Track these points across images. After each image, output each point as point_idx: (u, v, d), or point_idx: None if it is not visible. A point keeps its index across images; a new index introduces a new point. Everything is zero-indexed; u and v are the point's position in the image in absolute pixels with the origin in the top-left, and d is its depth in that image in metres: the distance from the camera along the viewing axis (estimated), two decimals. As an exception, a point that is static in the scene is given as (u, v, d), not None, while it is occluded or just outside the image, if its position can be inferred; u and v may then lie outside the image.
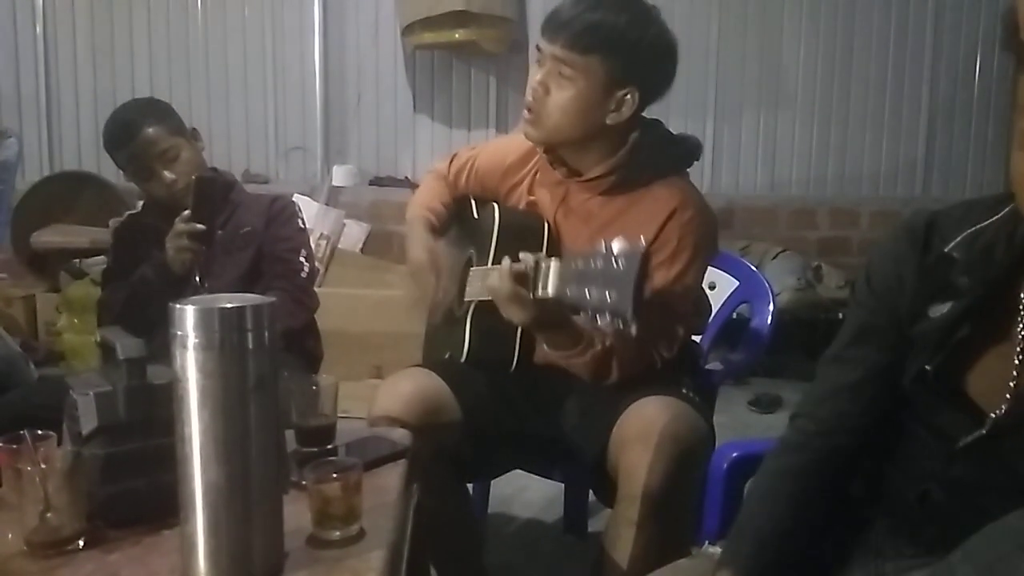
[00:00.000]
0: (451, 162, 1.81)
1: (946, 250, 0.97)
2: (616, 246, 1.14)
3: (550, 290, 1.27)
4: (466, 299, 1.62)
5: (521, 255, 1.37)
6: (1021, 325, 0.93)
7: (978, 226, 0.97)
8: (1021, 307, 0.94)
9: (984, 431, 0.92)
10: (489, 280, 1.39)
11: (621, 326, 1.12)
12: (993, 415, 0.92)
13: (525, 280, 1.32)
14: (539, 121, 1.52)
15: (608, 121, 1.51)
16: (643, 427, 1.36)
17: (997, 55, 4.46)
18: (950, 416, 0.96)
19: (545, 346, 1.48)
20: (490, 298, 1.42)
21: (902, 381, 1.00)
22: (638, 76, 1.49)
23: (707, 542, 1.10)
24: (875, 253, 1.07)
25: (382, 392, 1.52)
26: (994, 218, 0.96)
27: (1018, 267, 0.94)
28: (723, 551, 1.04)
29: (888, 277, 1.02)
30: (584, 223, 1.58)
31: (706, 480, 1.45)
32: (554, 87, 1.49)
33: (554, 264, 1.27)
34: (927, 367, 0.96)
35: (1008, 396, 0.92)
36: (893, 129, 4.52)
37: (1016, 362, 0.93)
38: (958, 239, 0.97)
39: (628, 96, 1.49)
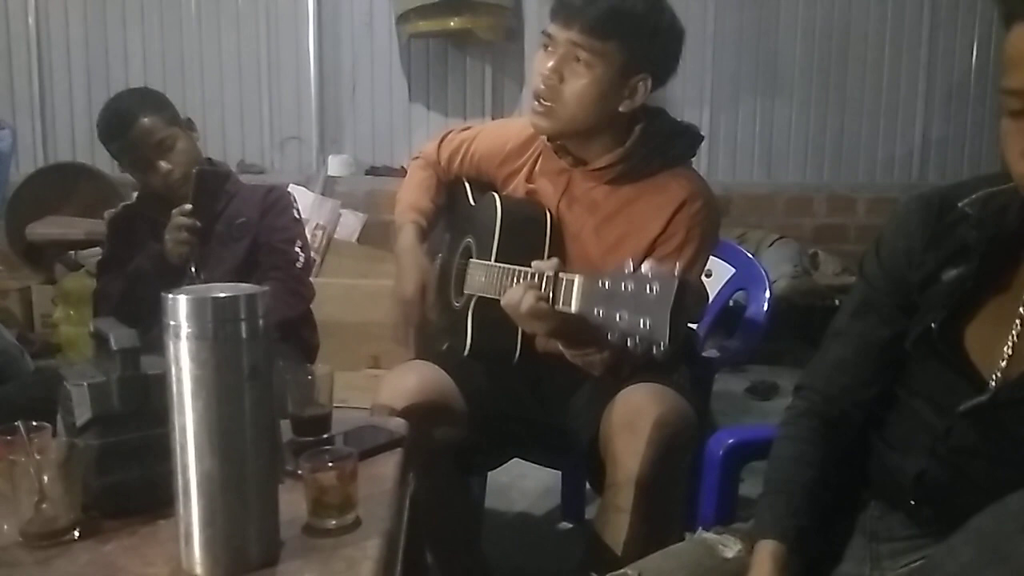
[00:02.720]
0: (441, 143, 1.77)
1: (960, 204, 0.98)
2: (647, 268, 1.11)
3: (573, 306, 1.24)
4: (466, 292, 1.60)
5: (535, 264, 1.34)
6: None
7: (994, 188, 0.98)
8: None
9: (987, 397, 0.92)
10: (507, 298, 1.35)
11: (654, 351, 1.10)
12: (993, 379, 0.93)
13: (543, 292, 1.30)
14: (553, 111, 1.46)
15: (621, 108, 1.48)
16: (630, 414, 1.36)
17: (994, 41, 4.44)
18: (950, 381, 0.96)
19: (561, 347, 1.46)
20: (495, 296, 1.41)
21: (904, 346, 1.00)
22: (653, 62, 1.47)
23: (700, 528, 1.10)
24: (887, 226, 1.07)
25: (386, 385, 1.51)
26: (1008, 184, 0.96)
27: None
28: (756, 520, 1.04)
29: (897, 249, 1.03)
30: (589, 213, 1.56)
31: (696, 466, 1.46)
32: (569, 74, 1.44)
33: (578, 280, 1.24)
34: (932, 324, 0.96)
35: (1004, 361, 0.93)
36: (890, 116, 4.51)
37: (1016, 328, 0.93)
38: (973, 196, 0.98)
39: (641, 83, 1.46)
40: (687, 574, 1.04)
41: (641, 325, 1.09)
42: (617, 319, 1.12)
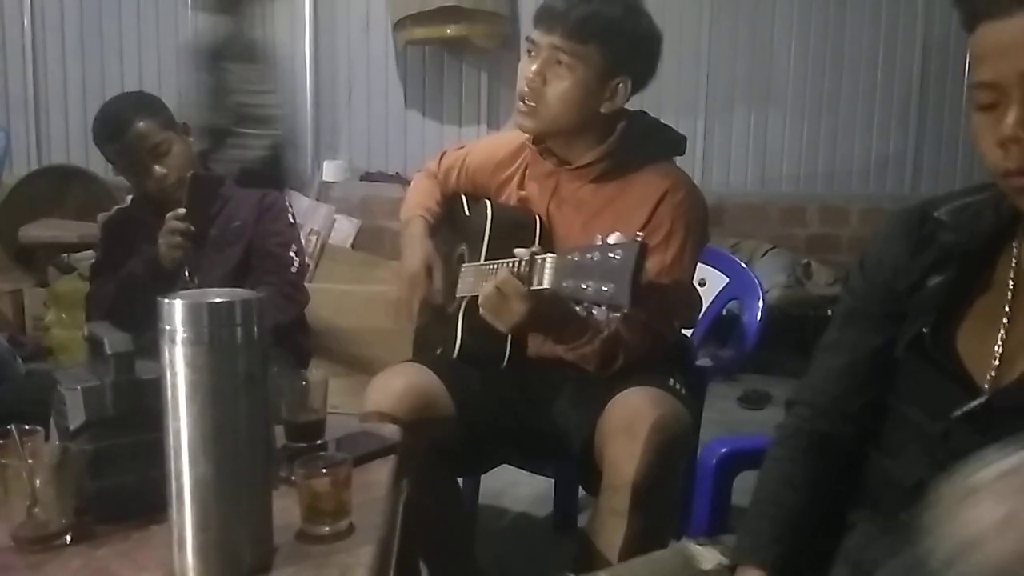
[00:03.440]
0: (440, 160, 1.82)
1: (935, 214, 1.00)
2: (612, 239, 1.15)
3: (546, 283, 1.28)
4: (458, 295, 1.62)
5: (516, 251, 1.37)
6: (1010, 294, 0.94)
7: (968, 199, 1.00)
8: (1011, 274, 0.95)
9: (981, 402, 0.92)
10: (484, 286, 1.38)
11: (617, 316, 1.14)
12: (986, 382, 0.93)
13: (521, 275, 1.34)
14: (536, 111, 1.52)
15: (603, 110, 1.53)
16: (627, 417, 1.37)
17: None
18: (942, 386, 0.96)
19: (553, 343, 1.48)
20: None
21: (894, 354, 1.01)
22: (631, 65, 1.53)
23: (684, 537, 1.10)
24: (870, 242, 1.08)
25: (374, 387, 1.52)
26: (983, 195, 0.99)
27: (1004, 235, 0.96)
28: (738, 544, 1.03)
29: (882, 261, 1.04)
30: (577, 211, 1.59)
31: (691, 473, 1.46)
32: (551, 77, 1.50)
33: (550, 258, 1.28)
34: (924, 329, 0.97)
35: (996, 362, 0.93)
36: (883, 126, 4.54)
37: (1002, 330, 0.94)
38: (949, 206, 1.01)
39: (621, 85, 1.52)
40: None
41: (605, 290, 1.12)
42: (584, 288, 1.16)
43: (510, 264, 1.37)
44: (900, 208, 1.06)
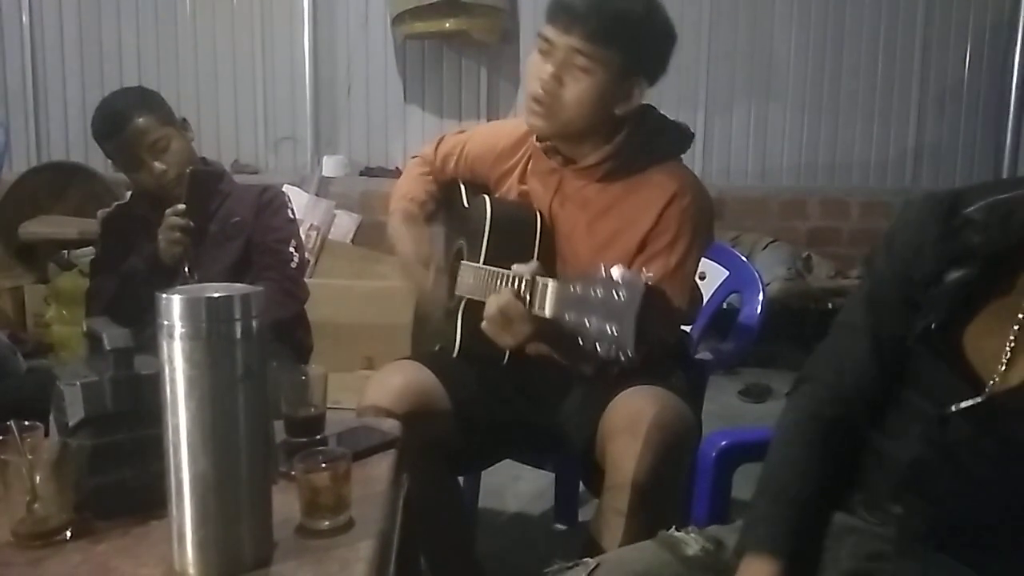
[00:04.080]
0: (437, 146, 1.79)
1: (966, 211, 0.98)
2: (616, 273, 1.12)
3: (547, 311, 1.26)
4: (457, 293, 1.61)
5: (514, 267, 1.35)
6: None
7: (1002, 196, 0.98)
8: None
9: (981, 400, 0.92)
10: (487, 304, 1.37)
11: (621, 357, 1.11)
12: (991, 383, 0.93)
13: (521, 296, 1.32)
14: (551, 113, 1.48)
15: (617, 111, 1.50)
16: (630, 417, 1.36)
17: (987, 45, 4.47)
18: (947, 381, 0.96)
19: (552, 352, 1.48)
20: (481, 299, 1.41)
21: (906, 343, 1.00)
22: (647, 66, 1.49)
23: (673, 527, 1.09)
24: (898, 221, 1.07)
25: (372, 385, 1.52)
26: (1018, 191, 0.97)
27: None
28: (746, 530, 1.01)
29: (908, 245, 1.03)
30: (581, 210, 1.57)
31: (694, 469, 1.46)
32: (568, 79, 1.45)
33: (551, 284, 1.25)
34: (932, 324, 0.96)
35: (1003, 365, 0.93)
36: (883, 120, 4.53)
37: (1012, 335, 0.93)
38: (980, 204, 0.98)
39: (637, 88, 1.49)
40: (644, 567, 1.03)
41: (609, 331, 1.10)
42: (586, 324, 1.13)
43: (511, 283, 1.35)
44: (929, 193, 1.04)
